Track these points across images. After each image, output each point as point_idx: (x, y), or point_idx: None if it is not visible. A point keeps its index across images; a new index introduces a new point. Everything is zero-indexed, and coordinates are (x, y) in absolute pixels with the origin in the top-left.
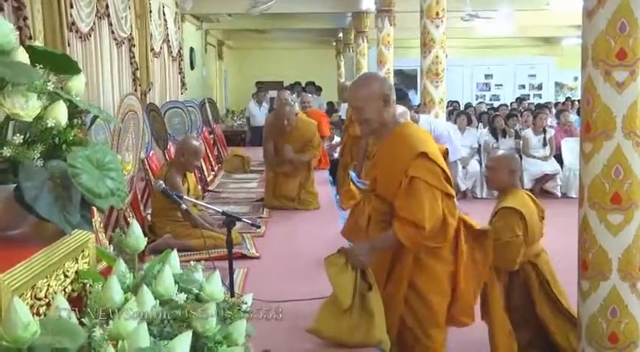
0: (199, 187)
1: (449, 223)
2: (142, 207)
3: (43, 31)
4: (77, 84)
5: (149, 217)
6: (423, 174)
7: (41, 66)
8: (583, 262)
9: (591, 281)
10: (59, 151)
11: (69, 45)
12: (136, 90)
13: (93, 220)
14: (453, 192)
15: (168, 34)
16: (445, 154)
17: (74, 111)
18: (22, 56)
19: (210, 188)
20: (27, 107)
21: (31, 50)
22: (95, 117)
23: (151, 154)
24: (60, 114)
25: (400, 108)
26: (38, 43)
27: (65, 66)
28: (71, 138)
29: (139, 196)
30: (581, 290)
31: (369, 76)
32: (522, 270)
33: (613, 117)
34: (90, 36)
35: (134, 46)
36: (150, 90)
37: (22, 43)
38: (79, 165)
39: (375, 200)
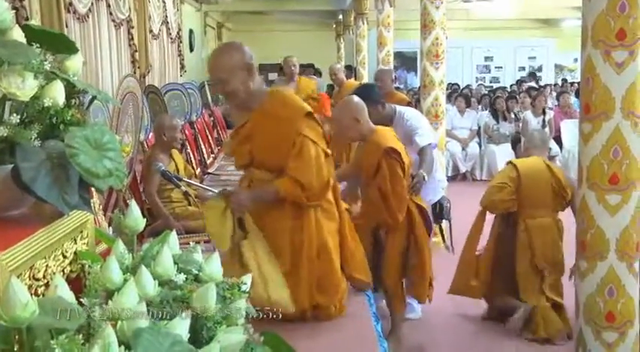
0: (197, 169)
1: (329, 182)
2: (141, 189)
3: (40, 11)
4: (75, 63)
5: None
6: (312, 134)
7: (38, 45)
8: (581, 242)
9: (589, 261)
10: (57, 131)
11: (67, 26)
12: (134, 72)
13: (92, 202)
14: (329, 152)
15: (167, 16)
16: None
17: (72, 91)
18: (18, 35)
19: (209, 170)
20: (23, 87)
21: (27, 29)
22: (94, 98)
23: (150, 136)
24: (57, 93)
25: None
26: (35, 23)
27: (62, 45)
28: (69, 118)
29: (138, 178)
30: (579, 270)
31: (229, 46)
32: (514, 224)
33: (612, 97)
34: (88, 17)
35: (133, 27)
36: (149, 72)
37: (18, 24)
38: (76, 145)
39: (258, 172)
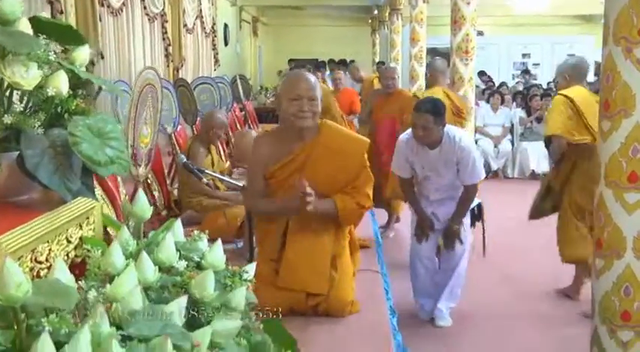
0: (226, 162)
1: None
2: (168, 181)
3: (75, 5)
4: (81, 54)
5: (175, 192)
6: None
7: (45, 36)
8: (598, 240)
9: (605, 260)
10: (62, 120)
11: (100, 20)
12: (168, 66)
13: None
14: None
15: (201, 10)
16: None
17: (78, 82)
18: (25, 26)
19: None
20: (27, 76)
21: (35, 21)
22: (100, 89)
23: (178, 129)
24: (60, 83)
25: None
26: (70, 18)
27: (70, 37)
28: (73, 107)
29: (166, 171)
30: (595, 268)
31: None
32: None
33: (632, 94)
34: (121, 11)
35: (167, 21)
36: (182, 66)
37: (53, 17)
38: (79, 134)
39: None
